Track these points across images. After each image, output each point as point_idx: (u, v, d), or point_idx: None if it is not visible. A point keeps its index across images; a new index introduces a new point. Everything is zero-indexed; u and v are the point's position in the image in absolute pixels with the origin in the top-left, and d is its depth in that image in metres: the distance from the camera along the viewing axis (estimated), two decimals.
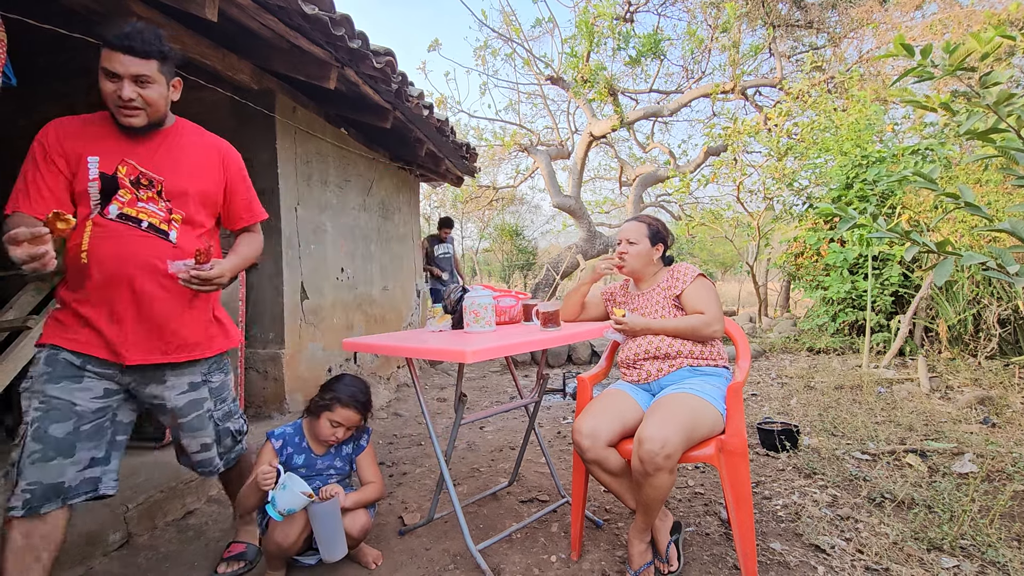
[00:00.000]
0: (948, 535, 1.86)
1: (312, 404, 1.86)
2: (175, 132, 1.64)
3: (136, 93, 1.45)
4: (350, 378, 1.89)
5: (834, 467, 2.53)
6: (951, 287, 4.62)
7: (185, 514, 2.30)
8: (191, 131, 1.69)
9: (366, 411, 1.87)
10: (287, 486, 1.62)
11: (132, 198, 1.50)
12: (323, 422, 1.80)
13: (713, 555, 1.88)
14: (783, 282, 9.43)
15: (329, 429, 1.80)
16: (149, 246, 1.52)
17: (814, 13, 10.29)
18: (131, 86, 1.44)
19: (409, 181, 5.33)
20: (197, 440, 1.68)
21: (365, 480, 1.89)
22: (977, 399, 3.39)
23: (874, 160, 5.44)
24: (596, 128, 10.35)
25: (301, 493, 1.62)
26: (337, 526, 1.68)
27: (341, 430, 1.81)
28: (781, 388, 4.21)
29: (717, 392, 1.75)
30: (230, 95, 3.11)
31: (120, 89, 1.43)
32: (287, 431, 1.86)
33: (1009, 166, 1.32)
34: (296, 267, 3.39)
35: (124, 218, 1.49)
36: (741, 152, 9.12)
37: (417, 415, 3.94)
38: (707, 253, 15.76)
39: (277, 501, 1.61)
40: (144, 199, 1.52)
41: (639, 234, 2.03)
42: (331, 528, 1.66)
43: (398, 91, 3.37)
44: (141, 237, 1.51)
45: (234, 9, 2.28)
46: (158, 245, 1.53)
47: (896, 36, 1.27)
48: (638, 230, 2.04)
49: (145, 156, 1.54)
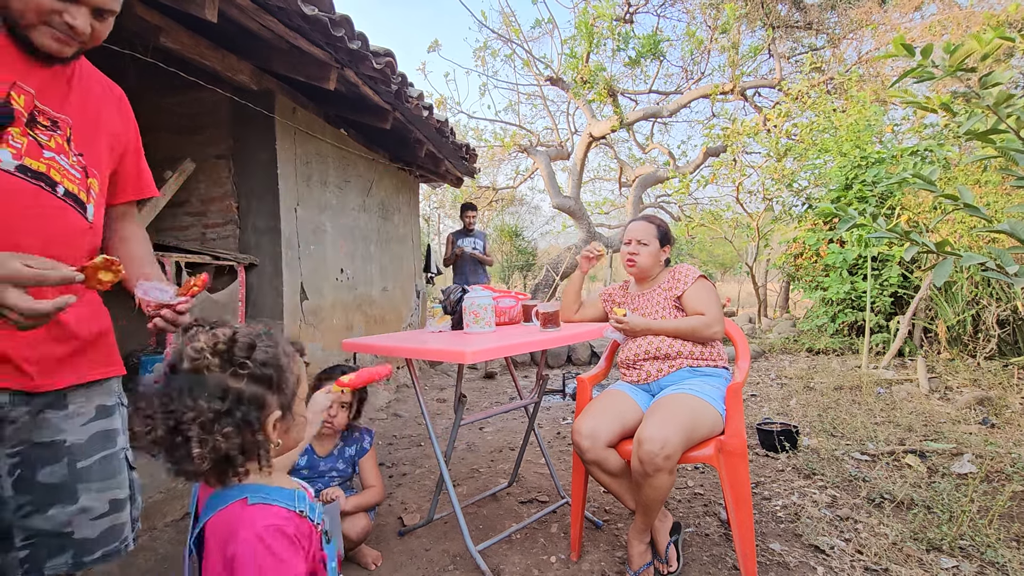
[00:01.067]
0: (947, 536, 1.86)
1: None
2: (78, 62, 1.09)
3: (90, 27, 0.98)
4: (340, 365, 1.90)
5: (833, 468, 2.53)
6: (950, 288, 4.62)
7: (184, 515, 2.29)
8: (87, 64, 1.13)
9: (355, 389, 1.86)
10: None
11: (32, 144, 0.96)
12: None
13: (713, 555, 1.88)
14: (782, 283, 9.43)
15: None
16: (64, 225, 1.00)
17: (813, 14, 10.31)
18: (88, 16, 0.97)
19: (409, 182, 5.33)
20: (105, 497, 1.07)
21: (367, 483, 1.89)
22: (976, 400, 3.39)
23: (873, 161, 5.44)
24: (596, 129, 10.36)
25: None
26: (336, 529, 1.68)
27: (335, 407, 1.81)
28: (780, 389, 4.22)
29: (717, 393, 1.75)
30: (230, 96, 3.11)
31: (71, 14, 0.94)
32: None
33: (1008, 167, 1.32)
34: (296, 268, 3.39)
35: (27, 173, 0.94)
36: (740, 153, 9.13)
37: (417, 416, 3.94)
38: (706, 254, 15.76)
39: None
40: (52, 147, 0.99)
41: (650, 235, 2.02)
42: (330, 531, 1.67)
43: (398, 92, 3.37)
44: (55, 210, 0.98)
45: (234, 10, 2.28)
46: (74, 224, 1.02)
47: (896, 37, 1.27)
48: (649, 231, 2.03)
49: (45, 88, 1.00)
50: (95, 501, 1.05)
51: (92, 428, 1.07)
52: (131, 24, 2.36)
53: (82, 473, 1.03)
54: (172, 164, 3.24)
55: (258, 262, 3.28)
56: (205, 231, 3.38)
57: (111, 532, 1.08)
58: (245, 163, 3.30)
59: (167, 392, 0.74)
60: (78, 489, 1.02)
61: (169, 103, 3.39)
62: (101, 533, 1.06)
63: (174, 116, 3.41)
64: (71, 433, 1.03)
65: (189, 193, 3.36)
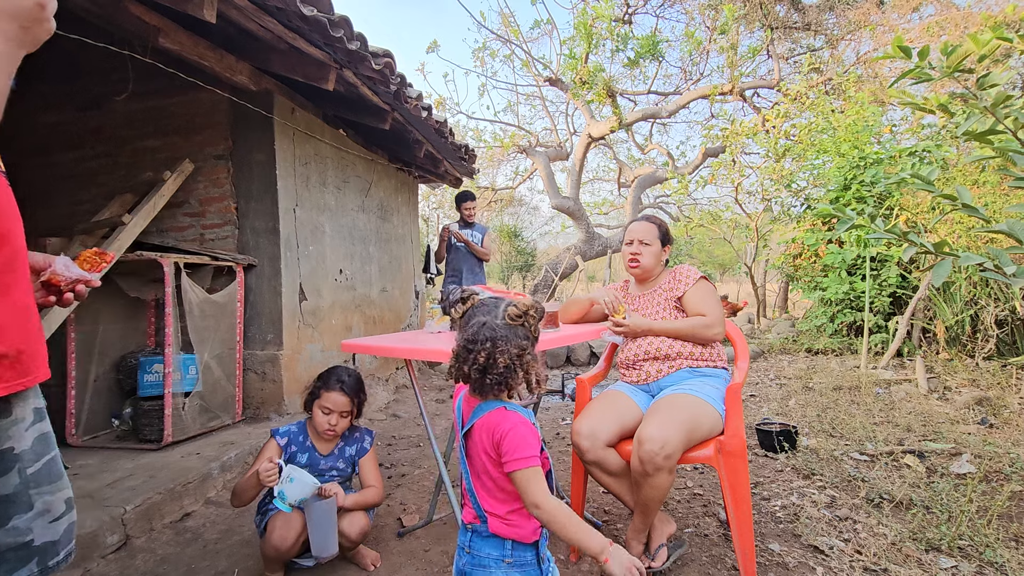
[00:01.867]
0: (946, 536, 1.86)
1: (307, 399, 1.88)
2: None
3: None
4: (339, 367, 1.92)
5: (832, 468, 2.53)
6: (949, 288, 4.63)
7: (183, 516, 2.29)
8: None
9: (355, 395, 1.87)
10: (294, 479, 1.65)
11: None
12: (316, 412, 1.83)
13: (712, 556, 1.88)
14: (781, 283, 9.44)
15: (322, 417, 1.82)
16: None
17: (812, 15, 10.32)
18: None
19: (408, 182, 5.33)
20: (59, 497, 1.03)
21: (366, 483, 1.89)
22: (975, 400, 3.40)
23: (872, 161, 5.45)
24: (595, 129, 10.36)
25: (310, 483, 1.66)
26: (331, 524, 1.69)
27: (334, 416, 1.82)
28: (780, 389, 4.22)
29: (716, 393, 1.75)
30: (228, 96, 3.11)
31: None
32: (292, 429, 1.88)
33: (1007, 167, 1.32)
34: (294, 268, 3.39)
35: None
36: (739, 153, 9.14)
37: (416, 416, 3.94)
38: (705, 254, 15.78)
39: (287, 494, 1.64)
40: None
41: (652, 235, 2.03)
42: (325, 526, 1.68)
43: (397, 92, 3.37)
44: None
45: (232, 10, 2.28)
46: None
47: (894, 38, 1.27)
48: (651, 231, 2.04)
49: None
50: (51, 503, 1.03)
51: (34, 432, 1.03)
52: (130, 25, 2.36)
53: (32, 479, 1.01)
54: (171, 165, 3.24)
55: (257, 263, 3.27)
56: (204, 232, 3.38)
57: (70, 531, 1.07)
58: (244, 164, 3.29)
59: (496, 333, 1.12)
60: (32, 496, 1.00)
61: (168, 104, 3.39)
62: (64, 532, 1.05)
63: (173, 117, 3.40)
64: (18, 440, 0.99)
65: (188, 194, 3.36)
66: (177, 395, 2.83)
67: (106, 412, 3.11)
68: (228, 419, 3.12)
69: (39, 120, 3.64)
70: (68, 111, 3.59)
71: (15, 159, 3.68)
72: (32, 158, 3.65)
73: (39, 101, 3.61)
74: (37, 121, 3.65)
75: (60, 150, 3.62)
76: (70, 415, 2.90)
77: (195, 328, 2.92)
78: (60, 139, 3.61)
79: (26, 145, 3.66)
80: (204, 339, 2.97)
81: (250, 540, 2.08)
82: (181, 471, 2.43)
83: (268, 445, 1.83)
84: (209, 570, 1.88)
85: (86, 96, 3.54)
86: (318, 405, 1.83)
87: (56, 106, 3.61)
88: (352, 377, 1.89)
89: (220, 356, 3.09)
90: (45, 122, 3.63)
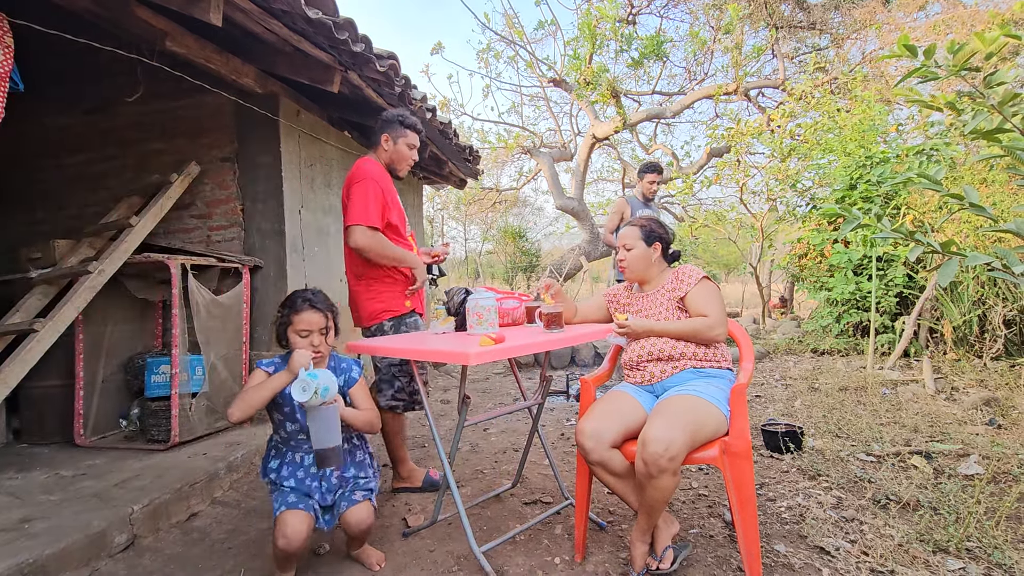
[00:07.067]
0: (954, 537, 1.84)
1: (278, 333, 1.81)
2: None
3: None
4: (297, 290, 1.85)
5: (838, 469, 2.52)
6: (956, 288, 4.59)
7: (190, 516, 2.30)
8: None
9: (328, 310, 1.81)
10: (316, 374, 1.60)
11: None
12: (294, 339, 1.76)
13: (717, 557, 1.87)
14: (787, 283, 9.39)
15: (302, 341, 1.75)
16: None
17: (817, 14, 10.27)
18: None
19: (412, 183, 5.34)
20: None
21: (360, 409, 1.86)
22: (982, 400, 3.37)
23: (878, 161, 5.42)
24: (599, 130, 10.35)
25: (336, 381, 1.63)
26: (335, 422, 1.65)
27: (315, 336, 1.76)
28: (785, 390, 4.20)
29: (721, 394, 1.75)
30: (234, 99, 3.13)
31: None
32: (276, 361, 1.81)
33: (1015, 166, 1.31)
34: (300, 270, 3.40)
35: None
36: (744, 153, 9.11)
37: (421, 417, 3.94)
38: (710, 255, 15.73)
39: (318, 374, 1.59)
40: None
41: (633, 238, 2.06)
42: (330, 421, 1.64)
43: (401, 94, 3.38)
44: None
45: (238, 14, 2.30)
46: None
47: (900, 37, 1.27)
48: (631, 234, 2.07)
49: None
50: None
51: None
52: (137, 29, 2.38)
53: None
54: (177, 167, 3.26)
55: (263, 264, 3.29)
56: (210, 233, 3.40)
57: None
58: (249, 166, 3.31)
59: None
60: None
61: (175, 106, 3.42)
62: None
63: (179, 119, 3.43)
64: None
65: (194, 196, 3.38)
66: (184, 396, 2.85)
67: (114, 413, 3.13)
68: None
69: (48, 123, 3.68)
70: (76, 114, 3.62)
71: (23, 163, 3.73)
72: (40, 161, 3.68)
73: (48, 104, 3.64)
74: (46, 124, 3.68)
75: (68, 153, 3.65)
76: (78, 415, 2.92)
77: (202, 329, 2.93)
78: (68, 142, 3.64)
79: (35, 148, 3.70)
80: (211, 340, 2.99)
81: (257, 540, 2.09)
82: (188, 471, 2.44)
83: (256, 374, 1.76)
84: (216, 569, 1.89)
85: (94, 99, 3.57)
86: (293, 331, 1.75)
87: (64, 109, 3.65)
88: (317, 294, 1.82)
89: (226, 357, 3.11)
90: (53, 125, 3.67)
